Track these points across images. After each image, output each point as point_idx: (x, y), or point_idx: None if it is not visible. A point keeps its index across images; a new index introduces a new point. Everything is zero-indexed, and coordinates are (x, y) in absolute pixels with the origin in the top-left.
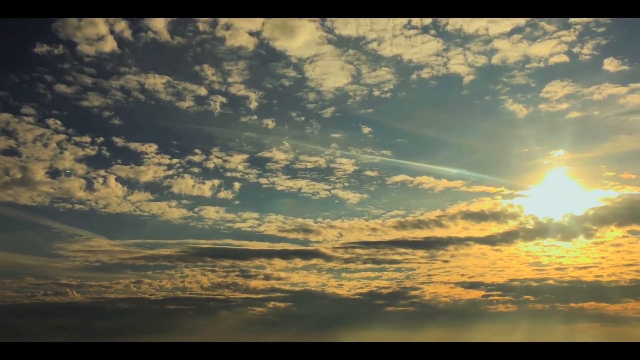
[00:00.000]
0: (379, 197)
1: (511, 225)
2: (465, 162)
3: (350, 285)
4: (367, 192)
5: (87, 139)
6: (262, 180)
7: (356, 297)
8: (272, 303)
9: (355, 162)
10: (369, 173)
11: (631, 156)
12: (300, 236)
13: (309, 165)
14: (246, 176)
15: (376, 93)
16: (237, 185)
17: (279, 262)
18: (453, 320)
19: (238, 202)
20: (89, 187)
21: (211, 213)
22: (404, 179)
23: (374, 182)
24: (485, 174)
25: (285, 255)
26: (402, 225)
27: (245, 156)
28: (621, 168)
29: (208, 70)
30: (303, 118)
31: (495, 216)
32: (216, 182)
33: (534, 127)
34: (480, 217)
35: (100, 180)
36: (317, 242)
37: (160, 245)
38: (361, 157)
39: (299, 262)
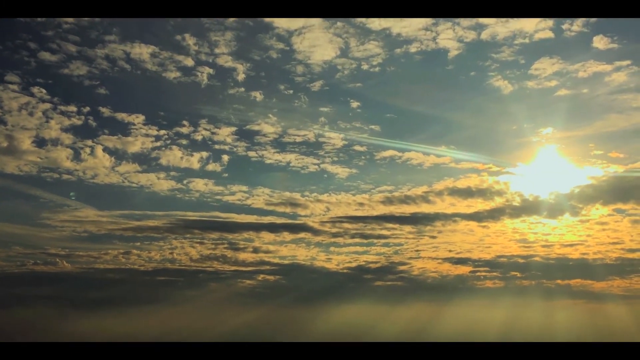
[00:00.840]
0: (368, 172)
1: (497, 202)
2: (454, 138)
3: (339, 259)
4: (356, 167)
5: (73, 108)
6: (251, 154)
7: (345, 271)
8: (262, 276)
9: (344, 137)
10: (357, 148)
11: (620, 135)
12: (288, 210)
13: (298, 139)
14: (235, 149)
15: (365, 67)
16: (225, 157)
17: (267, 235)
18: (441, 295)
19: (227, 174)
20: (76, 157)
21: (200, 185)
22: (392, 155)
23: (363, 157)
24: (474, 151)
25: (273, 228)
26: (389, 201)
27: (234, 129)
28: (610, 147)
29: (190, 40)
30: (291, 91)
31: (482, 193)
32: (204, 154)
33: (523, 105)
34: (466, 193)
35: (88, 150)
36: (305, 216)
37: (148, 216)
38: (350, 132)
39: (287, 236)
